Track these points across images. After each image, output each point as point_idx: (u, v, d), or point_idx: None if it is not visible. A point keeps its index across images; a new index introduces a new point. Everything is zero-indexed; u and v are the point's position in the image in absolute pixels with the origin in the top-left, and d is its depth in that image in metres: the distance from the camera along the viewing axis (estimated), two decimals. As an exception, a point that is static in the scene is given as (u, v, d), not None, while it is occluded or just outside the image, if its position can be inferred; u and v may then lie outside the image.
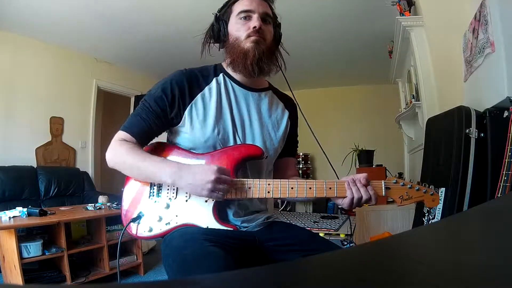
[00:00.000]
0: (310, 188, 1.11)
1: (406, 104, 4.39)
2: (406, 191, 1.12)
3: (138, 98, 6.14)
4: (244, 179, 1.13)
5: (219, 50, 1.35)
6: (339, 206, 1.31)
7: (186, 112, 1.20)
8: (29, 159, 4.61)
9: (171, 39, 4.94)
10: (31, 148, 4.74)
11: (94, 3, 3.87)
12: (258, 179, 1.14)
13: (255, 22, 1.22)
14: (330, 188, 1.10)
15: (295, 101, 1.47)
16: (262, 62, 1.23)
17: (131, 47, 5.24)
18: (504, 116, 1.61)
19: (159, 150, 1.24)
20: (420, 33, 3.32)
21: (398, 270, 0.26)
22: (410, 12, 3.44)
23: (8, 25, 4.24)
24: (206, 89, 1.24)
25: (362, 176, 1.11)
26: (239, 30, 1.24)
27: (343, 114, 7.40)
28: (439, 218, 2.09)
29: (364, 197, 1.09)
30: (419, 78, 3.35)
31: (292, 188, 1.11)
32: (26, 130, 4.67)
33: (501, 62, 1.99)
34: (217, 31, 1.29)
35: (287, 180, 1.13)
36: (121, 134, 1.19)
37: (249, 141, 1.25)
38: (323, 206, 6.69)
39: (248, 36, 1.22)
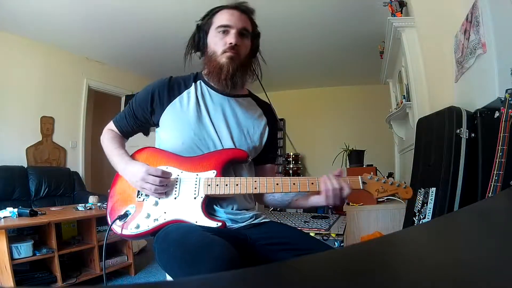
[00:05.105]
0: (294, 184, 1.18)
1: (397, 105, 4.42)
2: (381, 185, 1.21)
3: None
4: (233, 177, 1.22)
5: (199, 58, 1.42)
6: (328, 206, 1.39)
7: (164, 114, 1.31)
8: (20, 159, 4.56)
9: (162, 39, 4.91)
10: (22, 148, 4.68)
11: (85, 2, 3.84)
12: (245, 177, 1.22)
13: (231, 38, 1.27)
14: (312, 183, 1.19)
15: (273, 109, 1.52)
16: (235, 77, 1.30)
17: (122, 46, 5.22)
18: (495, 116, 1.63)
19: (153, 155, 1.33)
20: (411, 34, 3.35)
21: (390, 270, 0.27)
22: (401, 13, 3.46)
23: (-3, 23, 4.18)
24: (185, 93, 1.34)
25: (336, 171, 1.22)
26: (216, 44, 1.29)
27: (334, 114, 7.44)
28: (430, 218, 2.10)
29: (337, 186, 1.16)
30: (410, 78, 3.37)
31: (277, 184, 1.19)
32: (16, 129, 4.62)
33: (492, 63, 2.01)
34: (198, 41, 1.36)
35: (272, 177, 1.21)
36: (111, 125, 1.41)
37: (226, 142, 1.31)
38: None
39: (224, 51, 1.28)
